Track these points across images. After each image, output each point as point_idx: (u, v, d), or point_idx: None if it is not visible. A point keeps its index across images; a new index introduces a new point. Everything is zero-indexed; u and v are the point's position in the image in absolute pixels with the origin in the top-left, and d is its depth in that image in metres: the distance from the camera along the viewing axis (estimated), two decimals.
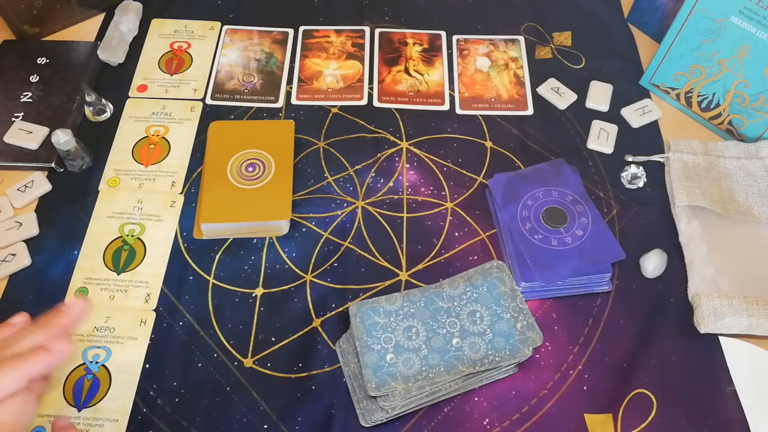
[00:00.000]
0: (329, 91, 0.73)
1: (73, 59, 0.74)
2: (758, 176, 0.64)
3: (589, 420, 0.53)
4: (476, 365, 0.50)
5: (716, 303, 0.56)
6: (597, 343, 0.57)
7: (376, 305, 0.52)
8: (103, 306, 0.58)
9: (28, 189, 0.64)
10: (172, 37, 0.78)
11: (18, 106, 0.69)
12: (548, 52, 0.77)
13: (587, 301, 0.59)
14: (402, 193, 0.65)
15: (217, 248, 0.61)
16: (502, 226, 0.61)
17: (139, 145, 0.68)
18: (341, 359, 0.55)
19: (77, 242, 0.61)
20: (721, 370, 0.55)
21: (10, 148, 0.66)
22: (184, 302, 0.58)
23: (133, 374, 0.54)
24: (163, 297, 0.59)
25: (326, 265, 0.61)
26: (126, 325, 0.57)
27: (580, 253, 0.58)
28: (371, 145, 0.69)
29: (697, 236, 0.60)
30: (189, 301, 0.58)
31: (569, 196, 0.62)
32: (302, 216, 0.64)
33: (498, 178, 0.64)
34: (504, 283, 0.54)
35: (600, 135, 0.69)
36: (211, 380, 0.54)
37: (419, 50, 0.77)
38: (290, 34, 0.79)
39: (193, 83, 0.74)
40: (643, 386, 0.54)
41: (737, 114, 0.67)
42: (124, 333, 0.56)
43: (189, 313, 0.58)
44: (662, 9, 0.76)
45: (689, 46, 0.67)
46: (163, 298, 0.58)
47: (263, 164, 0.64)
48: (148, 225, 0.63)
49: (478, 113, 0.72)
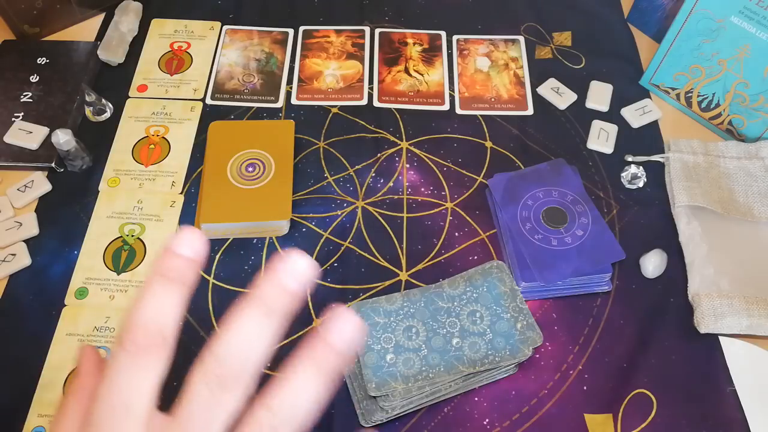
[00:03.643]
0: (329, 91, 0.73)
1: (73, 59, 0.74)
2: (758, 176, 0.64)
3: (589, 420, 0.53)
4: (476, 365, 0.50)
5: (716, 303, 0.56)
6: (597, 343, 0.57)
7: (376, 305, 0.52)
8: (103, 306, 0.58)
9: (28, 189, 0.64)
10: (172, 37, 0.78)
11: (18, 106, 0.69)
12: (548, 52, 0.77)
13: (587, 301, 0.59)
14: (402, 193, 0.65)
15: (217, 248, 0.61)
16: (502, 226, 0.61)
17: (139, 145, 0.68)
18: None
19: (77, 242, 0.61)
20: (721, 370, 0.55)
21: (10, 148, 0.66)
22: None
23: None
24: None
25: (326, 265, 0.61)
26: None
27: (580, 253, 0.58)
28: (371, 145, 0.69)
29: (697, 236, 0.60)
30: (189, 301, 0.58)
31: (569, 196, 0.62)
32: (302, 216, 0.64)
33: (498, 178, 0.64)
34: (504, 283, 0.54)
35: (600, 135, 0.69)
36: None
37: (419, 50, 0.77)
38: (290, 34, 0.79)
39: (193, 83, 0.74)
40: (643, 386, 0.54)
41: (737, 114, 0.67)
42: None
43: (189, 313, 0.58)
44: (662, 9, 0.76)
45: (689, 46, 0.67)
46: None
47: (263, 164, 0.64)
48: (148, 225, 0.63)
49: (478, 113, 0.72)
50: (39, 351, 0.55)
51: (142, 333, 0.24)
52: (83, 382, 0.28)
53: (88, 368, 0.29)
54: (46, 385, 0.54)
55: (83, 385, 0.28)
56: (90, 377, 0.28)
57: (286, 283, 0.25)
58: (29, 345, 0.56)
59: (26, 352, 0.55)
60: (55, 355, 0.55)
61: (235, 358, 0.25)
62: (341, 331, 0.25)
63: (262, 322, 0.25)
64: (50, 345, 0.56)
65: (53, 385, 0.54)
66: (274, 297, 0.25)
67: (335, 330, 0.25)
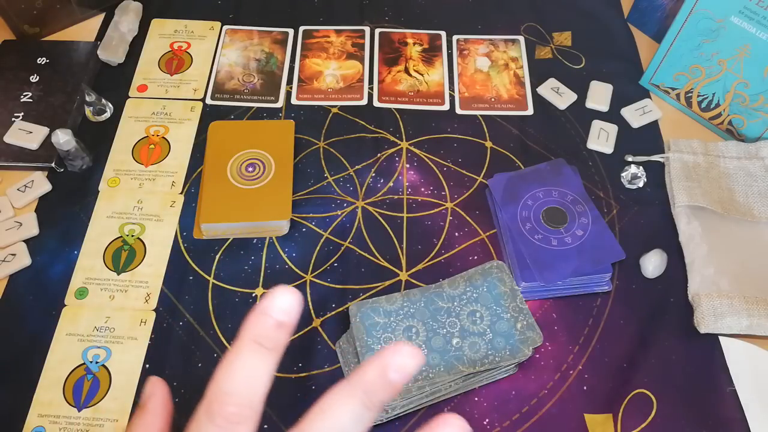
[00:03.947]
0: (329, 91, 0.73)
1: (73, 59, 0.74)
2: (758, 176, 0.64)
3: (589, 420, 0.53)
4: (476, 365, 0.50)
5: (716, 303, 0.56)
6: (597, 343, 0.57)
7: (376, 305, 0.52)
8: (103, 306, 0.58)
9: (28, 189, 0.64)
10: (172, 37, 0.78)
11: (18, 106, 0.69)
12: (548, 52, 0.77)
13: (587, 301, 0.59)
14: (402, 193, 0.65)
15: (217, 248, 0.62)
16: (502, 226, 0.61)
17: (139, 145, 0.68)
18: (341, 359, 0.55)
19: (77, 242, 0.61)
20: (721, 370, 0.55)
21: (10, 148, 0.66)
22: (184, 302, 0.58)
23: (133, 374, 0.54)
24: (163, 297, 0.59)
25: (326, 265, 0.61)
26: (126, 325, 0.57)
27: (580, 253, 0.58)
28: (371, 145, 0.69)
29: (697, 236, 0.60)
30: (189, 301, 0.58)
31: (569, 196, 0.62)
32: (302, 216, 0.64)
33: (498, 178, 0.64)
34: (504, 283, 0.54)
35: (600, 135, 0.69)
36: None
37: (419, 50, 0.77)
38: (290, 34, 0.79)
39: (193, 83, 0.74)
40: (643, 386, 0.54)
41: (737, 114, 0.67)
42: (124, 333, 0.56)
43: (189, 313, 0.58)
44: (662, 9, 0.76)
45: (689, 46, 0.67)
46: (163, 298, 0.58)
47: (263, 164, 0.64)
48: (148, 225, 0.63)
49: (478, 113, 0.72)
50: (39, 351, 0.55)
51: (233, 404, 0.24)
52: (148, 421, 0.28)
53: (155, 407, 0.28)
54: (46, 385, 0.54)
55: (148, 424, 0.28)
56: (156, 417, 0.28)
57: (278, 319, 0.25)
58: (29, 345, 0.56)
59: (26, 352, 0.55)
60: (55, 355, 0.55)
61: (243, 393, 0.24)
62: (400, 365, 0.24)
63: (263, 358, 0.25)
64: (50, 345, 0.56)
65: (53, 385, 0.54)
66: (267, 334, 0.25)
67: (392, 364, 0.24)
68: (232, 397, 0.24)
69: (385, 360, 0.24)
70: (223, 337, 0.57)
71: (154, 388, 0.29)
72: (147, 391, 0.29)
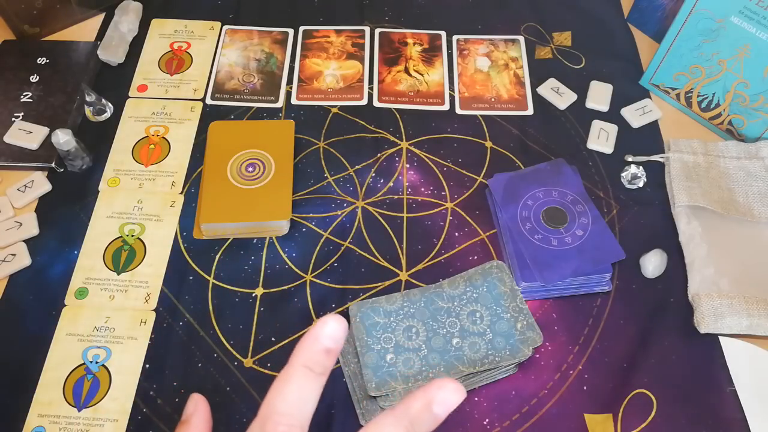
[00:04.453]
0: (329, 91, 0.73)
1: (73, 59, 0.74)
2: (758, 176, 0.64)
3: (589, 420, 0.53)
4: (476, 365, 0.50)
5: (716, 303, 0.56)
6: (597, 343, 0.57)
7: (376, 305, 0.52)
8: (103, 306, 0.58)
9: (28, 189, 0.64)
10: (172, 37, 0.78)
11: (18, 106, 0.69)
12: (548, 52, 0.77)
13: (587, 301, 0.59)
14: (402, 193, 0.65)
15: (217, 248, 0.62)
16: (502, 226, 0.61)
17: (139, 145, 0.68)
18: (341, 359, 0.55)
19: (77, 242, 0.61)
20: (721, 370, 0.55)
21: (10, 148, 0.66)
22: (184, 302, 0.58)
23: (133, 374, 0.54)
24: (163, 297, 0.59)
25: (326, 265, 0.61)
26: (126, 325, 0.57)
27: (580, 253, 0.58)
28: (371, 145, 0.69)
29: (697, 236, 0.60)
30: (189, 301, 0.58)
31: (569, 196, 0.62)
32: (302, 216, 0.64)
33: (498, 178, 0.64)
34: (504, 283, 0.54)
35: (600, 135, 0.69)
36: (211, 380, 0.54)
37: (419, 50, 0.77)
38: (290, 34, 0.79)
39: (193, 83, 0.74)
40: (643, 386, 0.54)
41: (737, 114, 0.67)
42: (124, 333, 0.56)
43: (189, 313, 0.58)
44: (662, 9, 0.76)
45: (689, 46, 0.67)
46: (163, 298, 0.58)
47: (263, 164, 0.64)
48: (148, 225, 0.63)
49: (478, 113, 0.72)
50: (39, 351, 0.55)
51: (285, 424, 0.25)
52: None
53: (198, 423, 0.30)
54: (46, 385, 0.54)
55: None
56: None
57: (326, 345, 0.27)
58: (29, 345, 0.56)
59: (26, 352, 0.55)
60: (55, 355, 0.55)
61: (294, 414, 0.26)
62: (443, 400, 0.26)
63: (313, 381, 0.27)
64: (50, 345, 0.56)
65: (53, 385, 0.54)
66: (317, 359, 0.27)
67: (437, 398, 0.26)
68: (285, 417, 0.25)
69: (430, 394, 0.26)
70: (222, 337, 0.57)
71: (197, 406, 0.31)
72: (189, 408, 0.31)
